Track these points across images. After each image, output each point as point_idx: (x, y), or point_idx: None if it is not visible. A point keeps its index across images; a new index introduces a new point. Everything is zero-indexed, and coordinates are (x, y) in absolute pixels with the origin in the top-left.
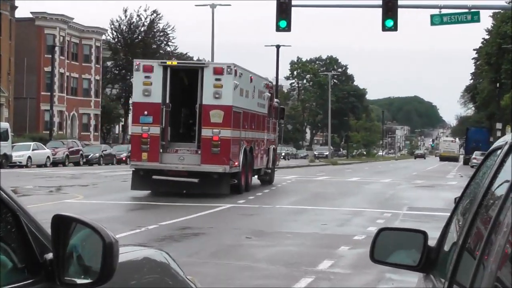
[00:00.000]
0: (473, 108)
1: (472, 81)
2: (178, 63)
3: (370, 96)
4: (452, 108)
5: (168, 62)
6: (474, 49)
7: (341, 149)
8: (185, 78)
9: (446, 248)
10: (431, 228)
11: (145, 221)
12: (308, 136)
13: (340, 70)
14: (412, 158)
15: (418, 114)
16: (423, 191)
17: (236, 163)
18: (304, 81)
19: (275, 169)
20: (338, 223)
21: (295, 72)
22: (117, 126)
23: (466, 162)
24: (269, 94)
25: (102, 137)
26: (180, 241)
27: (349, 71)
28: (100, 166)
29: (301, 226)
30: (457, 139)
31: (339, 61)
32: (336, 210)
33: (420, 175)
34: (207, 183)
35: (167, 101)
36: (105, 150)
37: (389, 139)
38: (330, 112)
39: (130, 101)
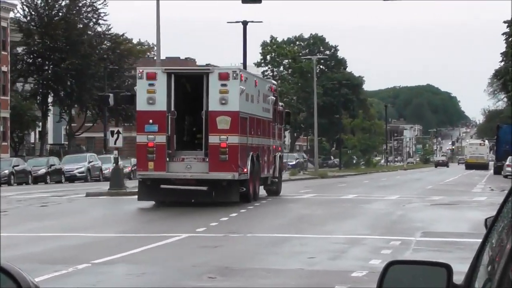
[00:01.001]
0: (505, 99)
1: (503, 63)
2: (182, 69)
3: (368, 86)
4: (477, 99)
5: (173, 69)
6: (505, 22)
7: (332, 157)
8: (190, 84)
9: (478, 286)
10: (455, 259)
11: (74, 258)
12: (287, 140)
13: (328, 53)
14: (426, 167)
15: (432, 109)
16: (441, 211)
17: (245, 170)
18: (281, 68)
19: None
20: (330, 255)
21: (268, 57)
22: (32, 133)
23: (498, 170)
24: (274, 98)
25: (13, 148)
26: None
27: (340, 54)
28: (11, 187)
29: (282, 261)
30: (486, 140)
31: (327, 41)
32: (327, 239)
33: (438, 189)
34: (216, 191)
35: (172, 108)
36: (17, 166)
37: (395, 142)
38: (316, 108)
39: (50, 99)
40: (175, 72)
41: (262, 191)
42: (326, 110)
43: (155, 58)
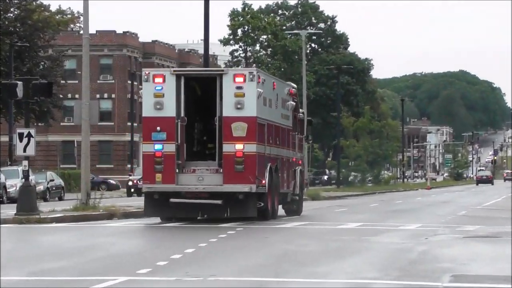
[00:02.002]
0: None
1: None
2: (193, 71)
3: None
4: None
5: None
6: None
7: (327, 171)
8: (200, 87)
9: None
10: None
11: None
12: None
13: (322, 26)
14: (458, 184)
15: (467, 105)
16: (478, 246)
17: (263, 182)
18: (257, 46)
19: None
20: None
21: (239, 31)
22: None
23: None
24: (293, 103)
25: None
26: None
27: (340, 28)
28: None
29: None
30: None
31: (321, 9)
32: (319, 284)
33: (474, 215)
34: (231, 205)
35: (182, 114)
36: None
37: (415, 151)
38: (306, 103)
39: None
40: (185, 74)
41: (281, 210)
42: (320, 105)
43: (81, 31)
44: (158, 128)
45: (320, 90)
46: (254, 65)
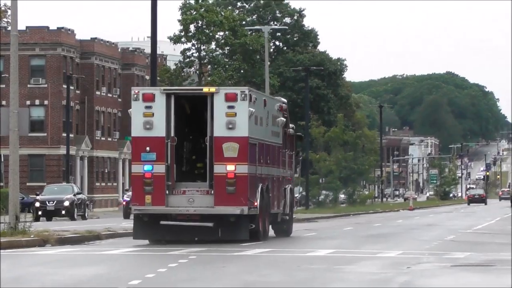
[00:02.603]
0: None
1: None
2: (183, 89)
3: (353, 75)
4: None
5: (172, 89)
6: None
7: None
8: (191, 106)
9: None
10: None
11: None
12: None
13: (288, 21)
14: (444, 204)
15: (456, 112)
16: (469, 277)
17: (255, 204)
18: (213, 45)
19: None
20: None
21: (191, 27)
22: None
23: None
24: (283, 119)
25: None
26: None
27: (308, 23)
28: None
29: None
30: None
31: (286, 2)
32: None
33: (463, 240)
34: (223, 227)
35: (172, 134)
36: None
37: (395, 165)
38: None
39: None
40: (175, 93)
41: (270, 231)
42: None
43: (8, 27)
44: (148, 148)
45: (286, 95)
46: (209, 66)
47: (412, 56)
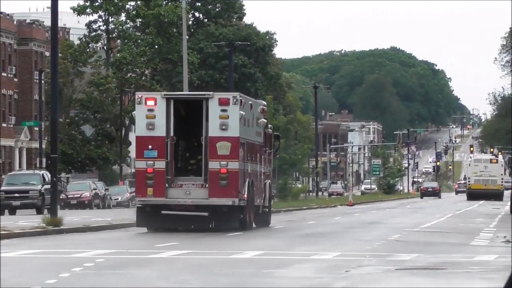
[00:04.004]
0: None
1: None
2: (181, 94)
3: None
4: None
5: (172, 94)
6: None
7: None
8: (188, 109)
9: None
10: None
11: None
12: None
13: None
14: (389, 199)
15: (402, 93)
16: (416, 281)
17: (245, 196)
18: (122, 16)
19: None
20: None
21: None
22: None
23: None
24: (265, 121)
25: None
26: None
27: None
28: None
29: None
30: (499, 155)
31: None
32: None
33: (409, 240)
34: (216, 217)
35: (172, 134)
36: None
37: (332, 155)
38: (188, 91)
39: None
40: (174, 98)
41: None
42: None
43: None
44: (150, 146)
45: (207, 74)
46: (119, 41)
47: (352, 29)
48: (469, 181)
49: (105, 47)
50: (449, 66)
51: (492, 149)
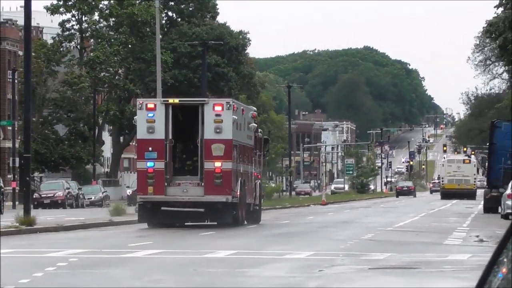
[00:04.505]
0: (505, 75)
1: (501, 9)
2: (179, 101)
3: (258, 50)
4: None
5: (170, 101)
6: None
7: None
8: (185, 114)
9: None
10: None
11: None
12: (109, 150)
13: None
14: (362, 198)
15: (376, 93)
16: (390, 281)
17: (238, 194)
18: (96, 16)
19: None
20: None
21: None
22: None
23: (492, 202)
24: (255, 125)
25: None
26: None
27: None
28: None
29: None
30: (472, 155)
31: None
32: None
33: (383, 239)
34: (211, 213)
35: (170, 137)
36: None
37: (305, 154)
38: (161, 91)
39: None
40: (172, 104)
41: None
42: (180, 93)
43: None
44: (150, 148)
45: (180, 74)
46: (92, 40)
47: (325, 28)
48: (442, 181)
49: (78, 46)
50: (422, 65)
51: (465, 149)
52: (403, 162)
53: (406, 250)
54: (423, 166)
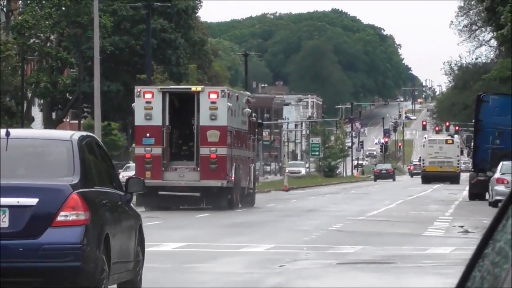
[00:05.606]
0: (493, 42)
1: None
2: (176, 88)
3: (210, 14)
4: (435, 44)
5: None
6: None
7: (131, 162)
8: (181, 101)
9: None
10: None
11: None
12: (39, 127)
13: None
14: (329, 182)
15: (345, 62)
16: (361, 278)
17: (233, 178)
18: None
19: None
20: None
21: None
22: None
23: (477, 190)
24: (249, 110)
25: None
26: None
27: None
28: None
29: None
30: (455, 134)
31: None
32: None
33: (353, 230)
34: (207, 197)
35: (167, 123)
36: None
37: (265, 132)
38: (99, 61)
39: None
40: (169, 91)
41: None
42: (121, 63)
43: None
44: (148, 134)
45: (122, 40)
46: (20, 1)
47: None
48: (423, 163)
49: (4, 9)
50: (398, 31)
51: (447, 124)
52: (376, 144)
53: (380, 243)
54: (400, 146)
